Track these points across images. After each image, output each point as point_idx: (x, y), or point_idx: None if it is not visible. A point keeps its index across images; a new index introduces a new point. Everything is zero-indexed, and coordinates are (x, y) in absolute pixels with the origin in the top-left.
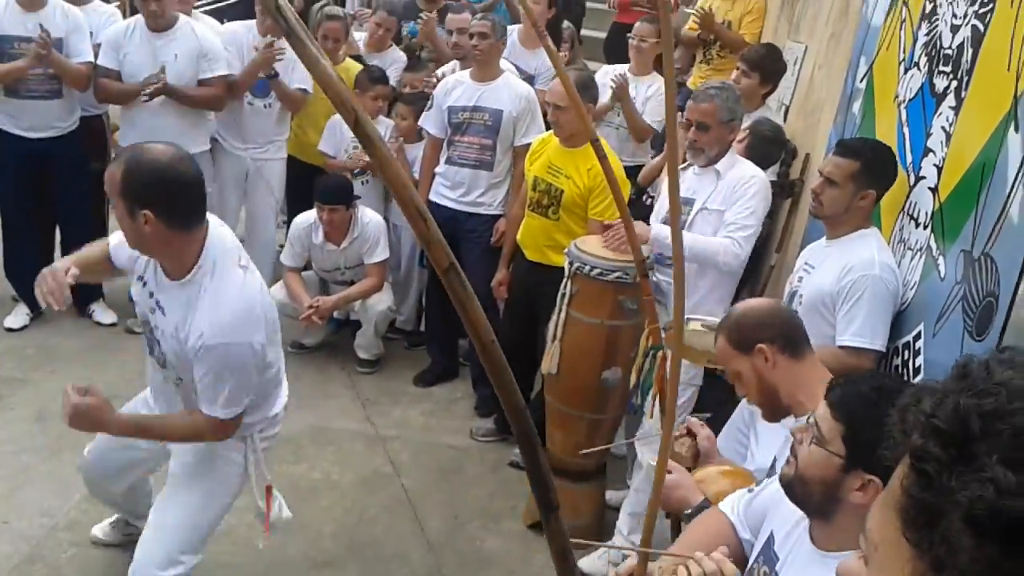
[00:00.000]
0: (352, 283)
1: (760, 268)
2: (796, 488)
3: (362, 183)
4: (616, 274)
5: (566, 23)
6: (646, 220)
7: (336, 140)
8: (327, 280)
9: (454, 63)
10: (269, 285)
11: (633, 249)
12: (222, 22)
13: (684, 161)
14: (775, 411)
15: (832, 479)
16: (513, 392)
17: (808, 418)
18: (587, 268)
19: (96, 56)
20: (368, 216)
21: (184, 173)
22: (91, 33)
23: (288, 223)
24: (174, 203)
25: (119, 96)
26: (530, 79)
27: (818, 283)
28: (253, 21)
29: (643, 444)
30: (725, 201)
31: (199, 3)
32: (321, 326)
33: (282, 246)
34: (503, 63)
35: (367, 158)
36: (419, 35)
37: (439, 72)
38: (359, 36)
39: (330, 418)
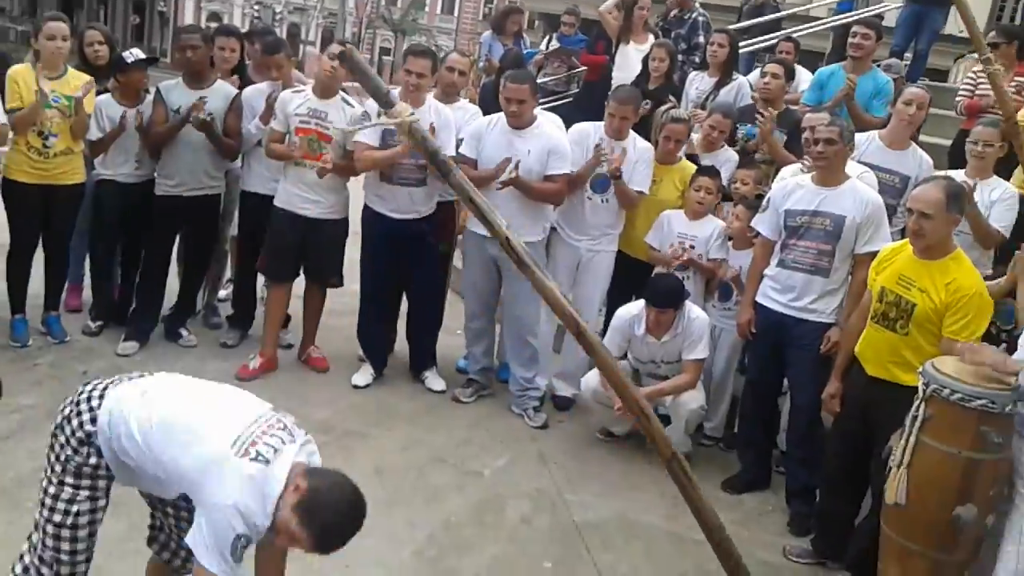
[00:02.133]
0: (666, 378)
1: None
2: None
3: (685, 278)
4: (981, 401)
5: None
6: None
7: (663, 234)
8: (640, 371)
9: (795, 166)
10: (583, 373)
11: None
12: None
13: None
14: None
15: None
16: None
17: None
18: (946, 391)
19: (457, 148)
20: (695, 313)
21: None
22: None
23: (604, 311)
24: None
25: (475, 182)
26: (905, 181)
27: None
28: (601, 123)
29: None
30: None
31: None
32: (632, 418)
33: (598, 333)
34: (856, 167)
35: (685, 255)
36: (757, 136)
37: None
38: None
39: (636, 511)
